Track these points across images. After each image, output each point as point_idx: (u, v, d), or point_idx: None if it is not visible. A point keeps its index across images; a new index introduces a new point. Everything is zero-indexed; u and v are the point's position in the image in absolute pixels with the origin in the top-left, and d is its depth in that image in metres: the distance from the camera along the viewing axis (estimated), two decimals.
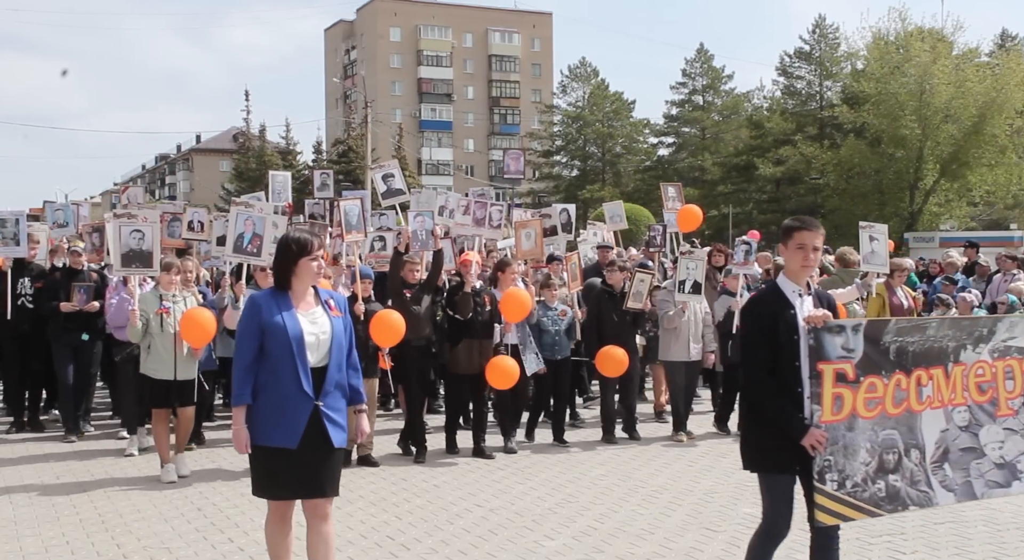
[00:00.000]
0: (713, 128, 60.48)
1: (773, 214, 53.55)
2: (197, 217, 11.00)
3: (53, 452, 9.02)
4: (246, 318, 4.60)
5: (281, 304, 4.57)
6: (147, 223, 8.62)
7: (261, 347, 4.52)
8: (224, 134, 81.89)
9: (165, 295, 8.08)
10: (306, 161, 59.79)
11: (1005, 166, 40.55)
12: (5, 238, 9.86)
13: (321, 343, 4.59)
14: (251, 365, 4.53)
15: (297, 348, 4.49)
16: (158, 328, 7.91)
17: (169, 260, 8.44)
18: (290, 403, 4.50)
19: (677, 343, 9.78)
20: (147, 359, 7.95)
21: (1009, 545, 6.11)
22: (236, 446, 4.59)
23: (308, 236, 4.66)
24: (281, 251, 4.66)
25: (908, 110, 39.93)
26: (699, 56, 62.21)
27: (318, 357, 4.58)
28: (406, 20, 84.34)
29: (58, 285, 9.77)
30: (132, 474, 8.16)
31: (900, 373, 4.36)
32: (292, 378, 4.49)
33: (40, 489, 7.63)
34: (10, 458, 8.79)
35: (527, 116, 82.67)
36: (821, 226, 4.40)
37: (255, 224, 8.52)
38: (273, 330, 4.49)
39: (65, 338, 9.67)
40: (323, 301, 4.70)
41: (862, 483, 4.26)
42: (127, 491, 7.56)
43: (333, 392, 4.62)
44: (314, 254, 4.61)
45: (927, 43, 39.95)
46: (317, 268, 4.65)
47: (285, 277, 4.63)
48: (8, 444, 9.45)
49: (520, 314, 8.98)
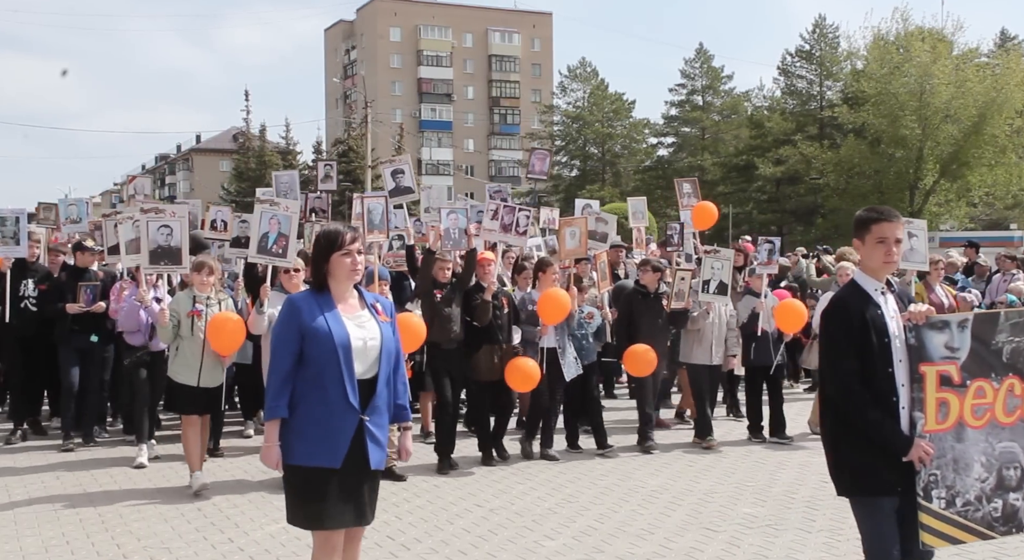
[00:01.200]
0: (713, 128, 60.50)
1: (773, 214, 53.58)
2: (220, 216, 10.58)
3: (54, 453, 8.99)
4: (283, 321, 4.10)
5: (323, 306, 4.07)
6: (175, 218, 8.18)
7: (300, 354, 4.02)
8: (224, 134, 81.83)
9: (199, 297, 7.67)
10: (306, 161, 59.74)
11: (1005, 166, 40.56)
12: (5, 237, 9.51)
13: (369, 350, 4.08)
14: (289, 374, 4.02)
15: (343, 355, 3.98)
16: (188, 331, 7.55)
17: (202, 259, 7.92)
18: (335, 417, 3.98)
19: (700, 346, 9.42)
20: (173, 362, 7.63)
21: (1009, 545, 6.10)
22: (267, 463, 4.07)
23: (339, 228, 4.18)
24: (314, 248, 4.22)
25: (908, 110, 39.94)
26: (699, 56, 62.25)
27: (365, 366, 4.07)
28: (406, 20, 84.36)
29: (63, 286, 9.30)
30: (133, 475, 8.15)
31: (1014, 377, 3.89)
32: (337, 388, 3.97)
33: (40, 489, 7.63)
34: (10, 458, 8.79)
35: (527, 116, 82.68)
36: (900, 216, 3.98)
37: (280, 223, 8.02)
38: (315, 334, 3.99)
39: (73, 341, 9.21)
40: (369, 305, 4.22)
41: (975, 502, 3.81)
42: (127, 491, 7.56)
43: (380, 407, 4.11)
44: (346, 248, 4.10)
45: (927, 43, 39.95)
46: (351, 264, 4.12)
47: (320, 276, 4.15)
48: (8, 445, 9.43)
49: (559, 316, 8.54)
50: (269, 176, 54.42)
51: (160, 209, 8.38)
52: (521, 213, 9.60)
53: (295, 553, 5.97)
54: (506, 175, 77.89)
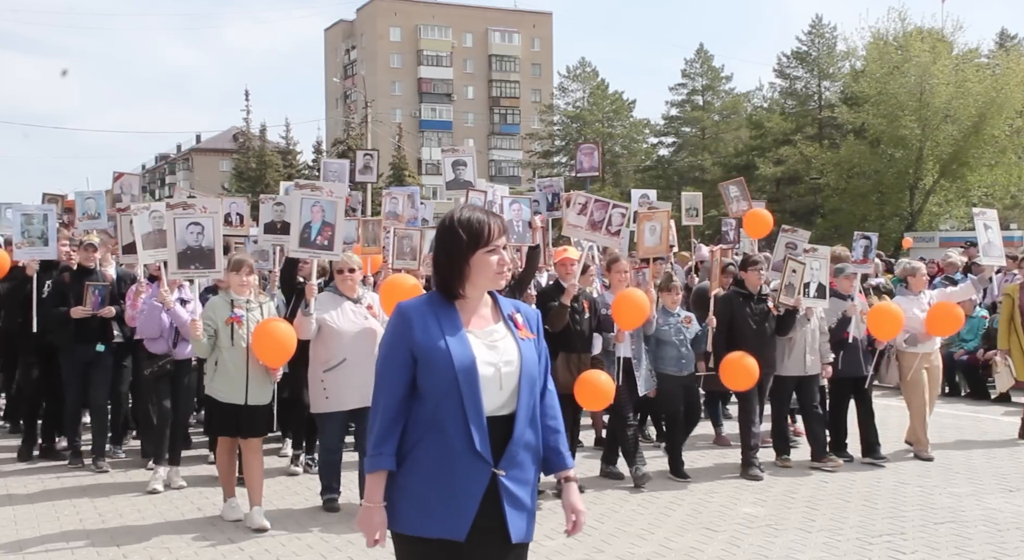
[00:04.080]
0: (713, 128, 60.47)
1: (773, 214, 53.46)
2: (236, 209, 9.54)
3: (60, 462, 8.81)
4: (391, 340, 3.07)
5: (444, 319, 3.04)
6: (207, 214, 7.04)
7: (412, 383, 3.02)
8: (224, 134, 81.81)
9: (237, 300, 6.63)
10: (306, 161, 59.77)
11: (1005, 166, 40.54)
12: (31, 237, 8.43)
13: (504, 378, 3.01)
14: (399, 412, 3.01)
15: (467, 385, 2.94)
16: (228, 341, 6.52)
17: (240, 257, 6.83)
18: (457, 470, 2.95)
19: (791, 355, 8.34)
20: (213, 378, 6.58)
21: (1009, 545, 6.11)
22: (365, 534, 3.03)
23: (480, 217, 3.09)
24: (444, 242, 3.09)
25: (908, 110, 39.90)
26: (699, 56, 62.21)
27: (499, 400, 3.01)
28: (406, 20, 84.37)
29: (67, 288, 8.21)
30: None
31: None
32: (459, 431, 2.94)
33: (40, 489, 7.62)
34: (11, 458, 8.78)
35: (527, 116, 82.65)
36: None
37: (324, 210, 6.95)
38: (430, 357, 2.97)
39: (77, 352, 8.17)
40: (505, 316, 3.15)
41: None
42: (127, 491, 7.55)
43: (521, 456, 3.04)
44: (493, 244, 3.05)
45: (927, 43, 39.92)
46: (498, 264, 3.06)
47: (452, 281, 3.07)
48: (8, 443, 9.42)
49: (637, 321, 7.55)
50: (269, 176, 54.16)
51: (189, 204, 7.18)
52: (616, 210, 8.31)
53: (295, 553, 5.97)
54: (506, 175, 77.79)
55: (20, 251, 8.44)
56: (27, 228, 8.45)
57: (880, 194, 42.96)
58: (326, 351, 6.77)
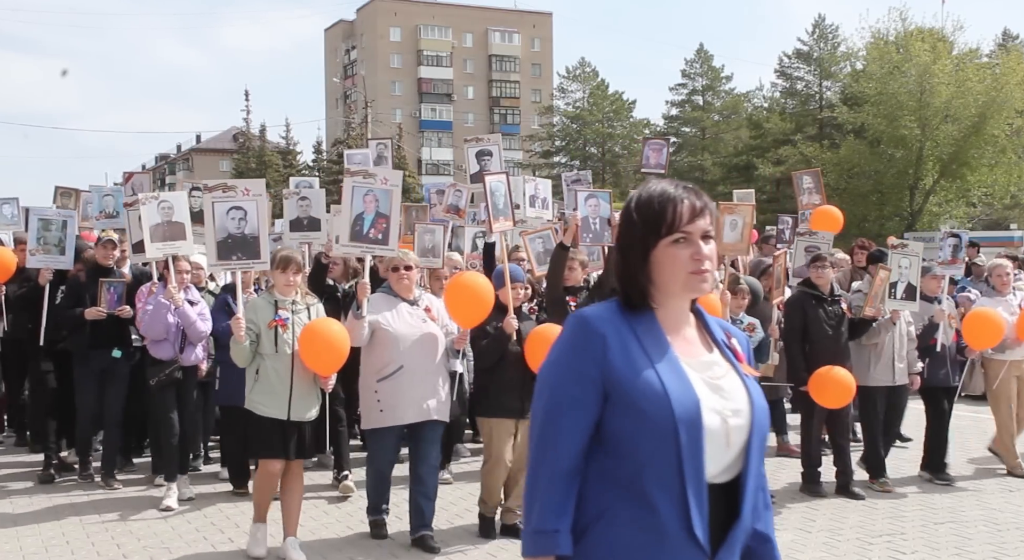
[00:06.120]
0: (713, 128, 60.52)
1: (773, 214, 53.38)
2: None
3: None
4: (569, 360, 2.15)
5: (645, 339, 2.14)
6: (250, 198, 6.23)
7: (599, 426, 2.12)
8: (224, 134, 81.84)
9: (282, 302, 5.89)
10: (306, 161, 59.81)
11: (1005, 166, 40.54)
12: (47, 244, 7.76)
13: (732, 433, 2.11)
14: (576, 468, 2.12)
15: (689, 441, 2.05)
16: (271, 347, 5.78)
17: (288, 253, 6.05)
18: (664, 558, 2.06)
19: (879, 363, 7.56)
20: (254, 389, 5.82)
21: (1009, 545, 6.11)
22: None
23: (670, 192, 2.19)
24: (621, 232, 2.27)
25: (908, 110, 39.90)
26: (699, 56, 62.26)
27: (722, 463, 2.12)
28: (406, 20, 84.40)
29: (82, 288, 7.50)
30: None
31: None
32: (672, 507, 2.04)
33: (40, 489, 7.61)
34: (11, 458, 8.77)
35: (527, 116, 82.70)
36: None
37: (378, 200, 6.20)
38: (638, 398, 2.07)
39: (92, 358, 7.45)
40: (718, 341, 2.25)
41: None
42: (127, 491, 7.54)
43: (739, 541, 2.15)
44: (684, 229, 2.15)
45: (927, 43, 39.93)
46: (694, 258, 2.14)
47: (636, 283, 2.19)
48: (13, 459, 9.41)
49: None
50: (269, 176, 54.10)
51: (229, 186, 6.34)
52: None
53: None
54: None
55: (34, 258, 7.79)
56: (44, 234, 7.78)
57: (880, 194, 42.96)
58: (380, 358, 5.97)
